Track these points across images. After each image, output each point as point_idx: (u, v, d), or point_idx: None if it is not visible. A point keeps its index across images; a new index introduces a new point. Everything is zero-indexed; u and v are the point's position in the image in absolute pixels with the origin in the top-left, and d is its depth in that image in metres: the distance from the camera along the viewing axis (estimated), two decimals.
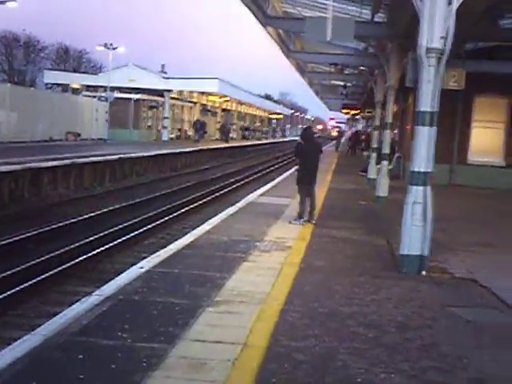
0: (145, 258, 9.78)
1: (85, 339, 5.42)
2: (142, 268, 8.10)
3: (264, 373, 4.90)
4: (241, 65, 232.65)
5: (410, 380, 5.00)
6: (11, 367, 4.78)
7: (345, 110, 53.09)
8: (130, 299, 6.71)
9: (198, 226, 12.21)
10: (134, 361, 4.97)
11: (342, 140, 60.02)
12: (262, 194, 17.68)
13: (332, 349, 5.57)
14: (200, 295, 6.96)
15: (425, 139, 8.77)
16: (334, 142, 60.33)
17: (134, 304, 6.56)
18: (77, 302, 6.76)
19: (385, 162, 19.20)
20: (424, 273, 8.76)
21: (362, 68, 29.78)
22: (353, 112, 51.52)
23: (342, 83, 36.99)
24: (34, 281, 10.16)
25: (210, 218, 13.23)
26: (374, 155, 23.09)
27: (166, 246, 10.24)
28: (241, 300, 6.90)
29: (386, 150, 19.39)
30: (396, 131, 31.54)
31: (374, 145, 23.84)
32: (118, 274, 8.15)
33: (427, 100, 8.70)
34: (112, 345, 5.31)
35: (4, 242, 12.71)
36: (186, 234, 12.05)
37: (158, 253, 9.27)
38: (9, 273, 10.45)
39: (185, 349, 5.32)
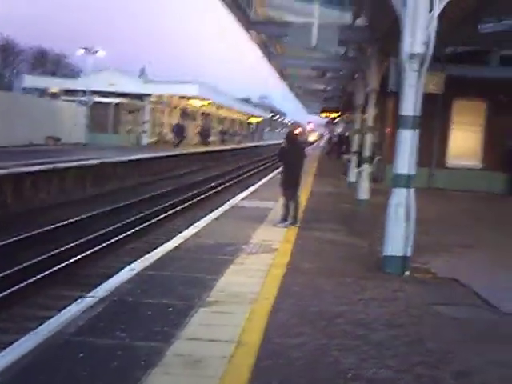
0: (128, 262, 9.90)
1: (84, 339, 5.54)
2: (132, 270, 8.22)
3: (259, 368, 5.08)
4: (222, 67, 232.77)
5: (399, 374, 5.20)
6: (17, 363, 4.93)
7: (324, 114, 53.33)
8: (123, 300, 6.83)
9: (182, 230, 12.33)
10: (133, 358, 5.12)
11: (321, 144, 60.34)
12: (244, 198, 17.77)
13: (323, 346, 5.75)
14: (192, 296, 7.10)
15: (408, 142, 8.96)
16: (312, 146, 60.51)
17: (128, 305, 6.68)
18: (65, 305, 6.85)
19: (366, 165, 19.39)
20: (407, 273, 8.96)
21: (342, 72, 30.03)
22: (332, 115, 51.75)
23: (322, 87, 37.15)
24: (18, 286, 10.22)
25: (193, 222, 13.33)
26: (355, 158, 23.30)
27: (148, 250, 10.37)
28: (232, 300, 7.05)
29: (368, 153, 19.60)
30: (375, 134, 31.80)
31: (355, 148, 24.07)
32: (104, 278, 8.26)
33: (410, 104, 8.91)
34: (111, 344, 5.45)
35: None
36: (170, 237, 12.18)
37: (147, 255, 9.36)
38: None
39: (181, 347, 5.48)
